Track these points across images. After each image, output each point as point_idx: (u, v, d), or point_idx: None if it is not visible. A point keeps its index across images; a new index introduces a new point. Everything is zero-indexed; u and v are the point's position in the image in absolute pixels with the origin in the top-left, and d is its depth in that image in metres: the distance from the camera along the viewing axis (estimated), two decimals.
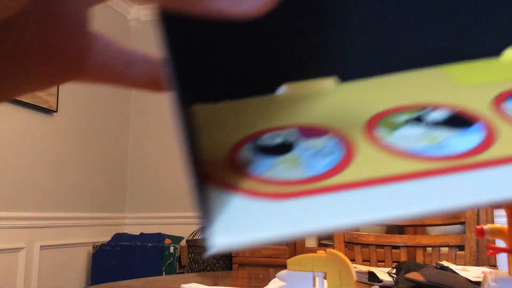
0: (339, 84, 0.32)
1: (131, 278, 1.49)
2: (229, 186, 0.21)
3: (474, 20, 0.32)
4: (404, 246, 1.28)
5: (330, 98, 0.31)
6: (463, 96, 0.29)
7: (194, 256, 2.31)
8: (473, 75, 0.31)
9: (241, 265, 1.96)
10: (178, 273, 2.36)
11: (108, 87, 1.92)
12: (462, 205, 0.20)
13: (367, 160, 0.23)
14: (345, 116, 0.28)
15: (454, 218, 1.25)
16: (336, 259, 0.39)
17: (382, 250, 1.29)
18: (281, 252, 1.92)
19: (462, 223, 1.24)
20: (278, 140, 0.26)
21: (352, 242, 1.31)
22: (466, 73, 0.31)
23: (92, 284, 2.41)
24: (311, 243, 2.04)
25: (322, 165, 0.23)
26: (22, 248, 2.13)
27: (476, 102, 0.28)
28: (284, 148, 0.25)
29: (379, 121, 0.26)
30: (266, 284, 0.82)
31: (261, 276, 1.16)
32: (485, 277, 0.51)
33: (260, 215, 0.20)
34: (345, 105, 0.30)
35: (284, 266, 0.40)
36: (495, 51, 0.33)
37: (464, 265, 1.08)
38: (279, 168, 0.23)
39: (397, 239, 1.28)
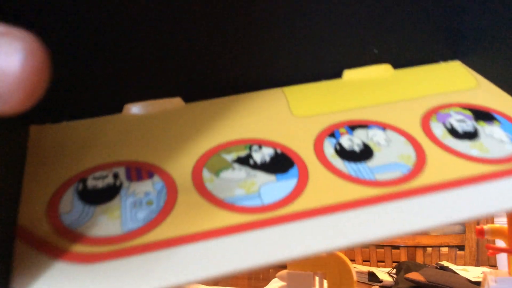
0: (185, 105, 0.31)
1: None
2: (41, 244, 0.21)
3: (316, 43, 0.33)
4: (404, 246, 1.28)
5: (174, 124, 0.30)
6: (292, 131, 0.29)
7: None
8: (310, 103, 0.31)
9: None
10: None
11: None
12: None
13: (186, 213, 0.23)
14: (178, 152, 0.28)
15: None
16: (336, 259, 0.39)
17: (382, 250, 1.29)
18: None
19: (462, 223, 1.24)
20: (105, 181, 0.25)
21: None
22: (304, 100, 0.32)
23: None
24: None
25: (140, 218, 0.23)
26: None
27: (302, 138, 0.28)
28: (107, 194, 0.24)
29: (208, 161, 0.26)
30: (266, 284, 0.82)
31: (261, 276, 1.16)
32: (485, 277, 0.51)
33: (65, 281, 0.19)
34: (182, 137, 0.29)
35: (284, 266, 0.40)
36: (336, 73, 0.34)
37: (464, 265, 1.08)
38: (97, 221, 0.22)
39: (397, 239, 1.28)
